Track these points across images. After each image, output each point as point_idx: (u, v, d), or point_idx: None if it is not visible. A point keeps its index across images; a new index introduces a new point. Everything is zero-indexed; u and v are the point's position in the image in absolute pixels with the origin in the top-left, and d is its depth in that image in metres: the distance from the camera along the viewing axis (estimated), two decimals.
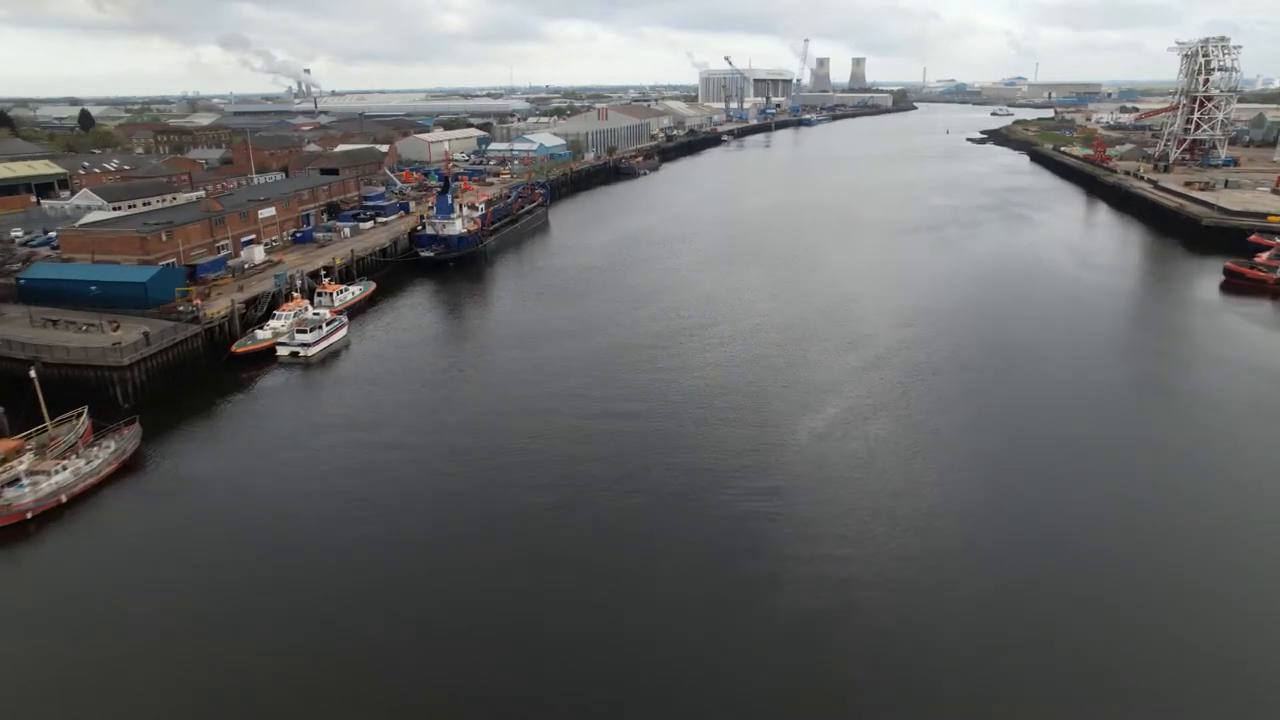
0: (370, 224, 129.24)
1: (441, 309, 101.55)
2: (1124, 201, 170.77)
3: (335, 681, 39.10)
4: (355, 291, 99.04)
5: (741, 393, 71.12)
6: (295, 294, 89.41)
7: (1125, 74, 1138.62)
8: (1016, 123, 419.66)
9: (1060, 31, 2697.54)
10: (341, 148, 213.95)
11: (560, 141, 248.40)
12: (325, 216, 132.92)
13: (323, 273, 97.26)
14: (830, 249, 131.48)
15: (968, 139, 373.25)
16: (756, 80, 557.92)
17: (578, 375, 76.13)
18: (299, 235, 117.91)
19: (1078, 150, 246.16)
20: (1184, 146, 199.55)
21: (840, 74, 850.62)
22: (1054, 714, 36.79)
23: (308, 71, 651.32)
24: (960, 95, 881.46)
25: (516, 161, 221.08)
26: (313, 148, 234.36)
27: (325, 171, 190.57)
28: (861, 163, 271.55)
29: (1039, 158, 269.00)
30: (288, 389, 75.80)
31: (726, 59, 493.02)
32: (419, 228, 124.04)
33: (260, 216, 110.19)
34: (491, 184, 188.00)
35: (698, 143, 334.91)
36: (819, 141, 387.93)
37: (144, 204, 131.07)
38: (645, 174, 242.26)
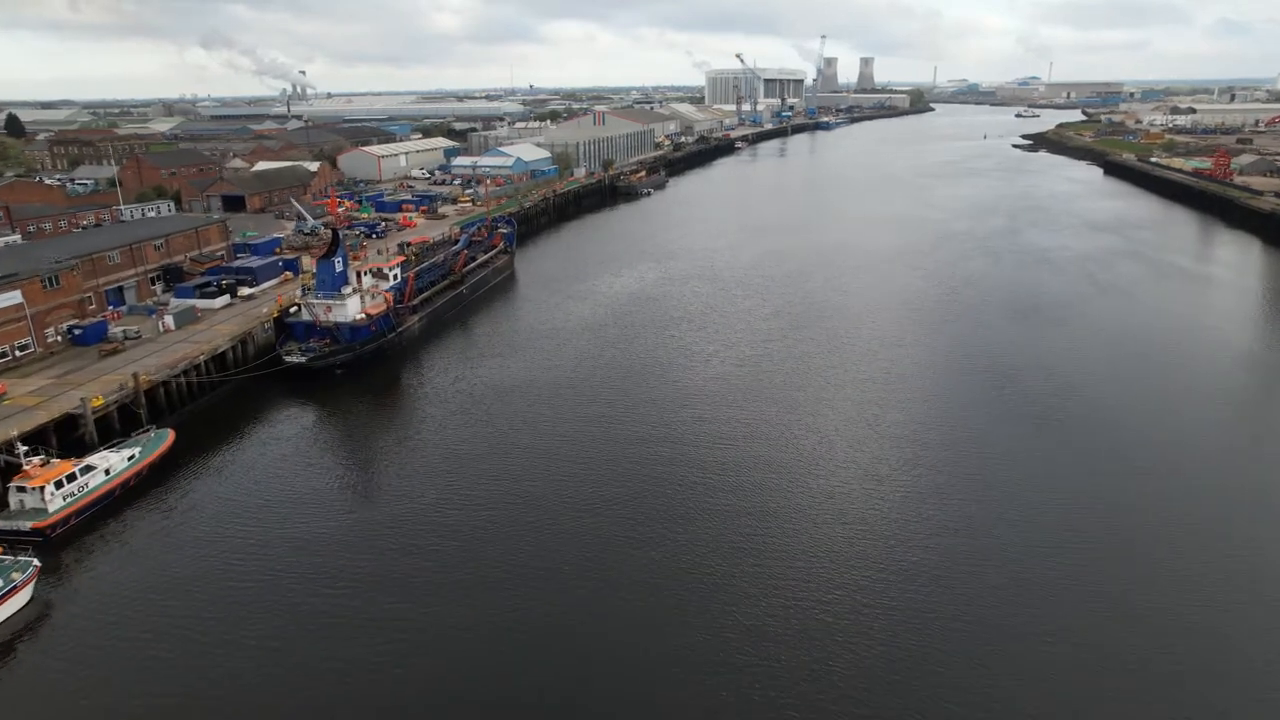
0: (224, 300, 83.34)
1: (283, 488, 55.44)
2: None
3: None
4: (116, 466, 53.18)
5: None
6: None
7: (1131, 73, 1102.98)
8: (1060, 125, 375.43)
9: (1062, 31, 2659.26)
10: (260, 166, 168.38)
11: (544, 155, 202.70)
12: (158, 287, 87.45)
13: (20, 448, 50.25)
14: (938, 352, 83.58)
15: (1011, 145, 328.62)
16: (767, 80, 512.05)
17: None
18: (80, 332, 71.63)
19: (1178, 162, 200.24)
20: None
21: (846, 74, 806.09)
22: None
23: (303, 73, 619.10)
24: (974, 96, 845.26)
25: (488, 181, 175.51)
26: (237, 163, 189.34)
27: (228, 201, 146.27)
28: (908, 179, 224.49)
29: (1117, 170, 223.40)
30: None
31: (738, 56, 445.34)
32: (290, 310, 78.75)
33: None
34: (445, 216, 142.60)
35: (709, 151, 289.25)
36: (844, 148, 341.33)
37: None
38: (649, 194, 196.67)
